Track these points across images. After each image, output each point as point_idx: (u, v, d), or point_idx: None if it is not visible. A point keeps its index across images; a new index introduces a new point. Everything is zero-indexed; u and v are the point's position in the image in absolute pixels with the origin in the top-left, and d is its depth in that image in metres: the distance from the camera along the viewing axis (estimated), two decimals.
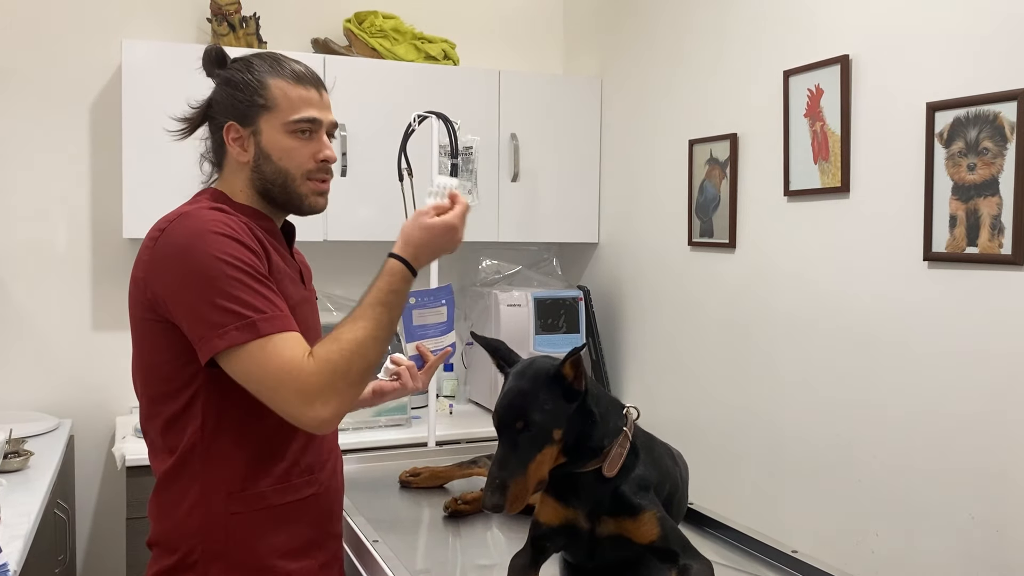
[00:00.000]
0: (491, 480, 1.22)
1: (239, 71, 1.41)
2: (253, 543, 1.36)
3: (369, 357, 1.29)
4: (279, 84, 1.39)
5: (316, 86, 1.43)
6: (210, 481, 1.34)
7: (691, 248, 2.80)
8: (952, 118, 1.89)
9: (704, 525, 1.69)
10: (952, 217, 1.90)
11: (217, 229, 1.29)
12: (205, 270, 1.25)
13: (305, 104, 1.40)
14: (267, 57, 1.42)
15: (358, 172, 2.96)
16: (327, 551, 1.47)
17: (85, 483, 3.00)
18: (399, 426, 2.93)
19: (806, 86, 2.30)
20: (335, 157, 1.45)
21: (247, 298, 1.25)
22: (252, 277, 1.27)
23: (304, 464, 1.42)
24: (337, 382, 1.25)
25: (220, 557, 1.35)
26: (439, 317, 1.73)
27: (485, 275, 3.40)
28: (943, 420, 1.95)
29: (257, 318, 1.25)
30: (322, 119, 1.42)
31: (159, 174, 2.68)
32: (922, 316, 2.00)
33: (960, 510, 1.91)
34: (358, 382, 1.28)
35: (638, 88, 3.09)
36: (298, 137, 1.39)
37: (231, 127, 1.40)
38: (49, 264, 2.95)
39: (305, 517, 1.42)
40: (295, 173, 1.40)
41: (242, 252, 1.28)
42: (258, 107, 1.38)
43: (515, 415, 1.23)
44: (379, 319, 1.31)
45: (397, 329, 1.42)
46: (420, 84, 3.05)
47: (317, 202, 1.44)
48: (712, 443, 2.67)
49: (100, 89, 2.99)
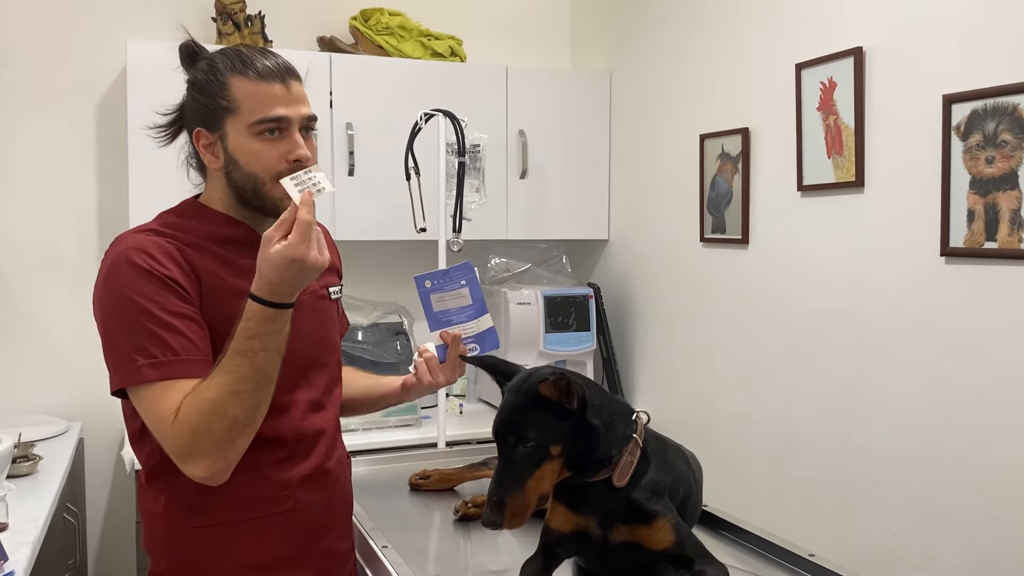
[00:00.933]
0: (490, 497, 1.20)
1: (202, 72, 1.33)
2: (216, 558, 1.33)
3: (231, 414, 1.20)
4: (241, 83, 1.29)
5: (282, 79, 1.31)
6: (173, 494, 1.31)
7: (703, 244, 2.77)
8: (969, 110, 1.86)
9: (719, 528, 1.66)
10: (970, 211, 1.87)
11: (132, 258, 1.25)
12: (110, 306, 1.26)
13: (269, 102, 1.29)
14: (231, 53, 1.33)
15: (365, 171, 2.94)
16: (311, 569, 1.41)
17: (95, 486, 3.00)
18: (409, 427, 2.91)
19: (819, 79, 2.26)
20: (308, 155, 1.33)
21: (140, 340, 1.22)
22: (152, 317, 1.22)
23: (277, 480, 1.36)
24: (199, 442, 1.20)
25: (185, 570, 1.34)
26: (462, 300, 1.56)
27: (494, 273, 3.38)
28: (962, 418, 1.91)
29: (143, 363, 1.21)
30: (290, 116, 1.31)
31: (165, 175, 2.65)
32: (939, 312, 1.96)
33: (981, 510, 1.87)
34: (226, 440, 1.20)
35: (648, 82, 3.06)
36: (265, 138, 1.30)
37: (199, 133, 1.33)
38: (57, 267, 2.95)
39: (277, 532, 1.36)
40: (263, 177, 1.31)
41: (150, 287, 1.24)
42: (222, 110, 1.30)
43: (509, 431, 1.21)
44: (238, 371, 1.20)
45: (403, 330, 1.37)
46: (427, 81, 3.02)
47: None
48: (725, 442, 2.64)
49: (106, 89, 2.98)
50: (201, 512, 1.32)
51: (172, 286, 1.25)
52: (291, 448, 1.38)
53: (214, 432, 1.20)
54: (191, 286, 1.28)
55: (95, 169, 2.99)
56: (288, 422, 1.37)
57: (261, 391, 1.23)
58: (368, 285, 3.19)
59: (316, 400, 1.43)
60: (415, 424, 2.92)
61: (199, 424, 1.19)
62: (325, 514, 1.45)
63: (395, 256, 3.25)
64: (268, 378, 1.23)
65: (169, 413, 1.20)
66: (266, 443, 1.31)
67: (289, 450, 1.38)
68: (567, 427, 1.23)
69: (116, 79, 2.97)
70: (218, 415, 1.19)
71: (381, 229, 2.98)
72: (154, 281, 1.24)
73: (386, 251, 3.22)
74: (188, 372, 1.22)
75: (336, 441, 1.51)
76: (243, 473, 1.31)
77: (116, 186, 2.96)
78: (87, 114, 2.97)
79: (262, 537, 1.36)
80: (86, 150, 2.98)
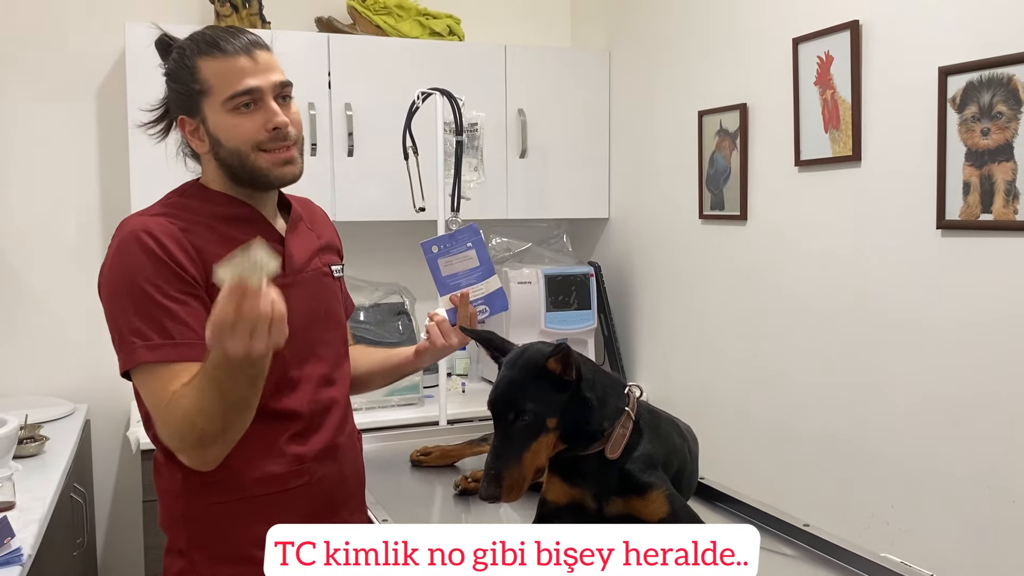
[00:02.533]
0: (487, 471, 1.22)
1: (174, 61, 1.35)
2: (235, 533, 1.34)
3: (200, 427, 1.20)
4: (208, 64, 1.31)
5: (247, 52, 1.32)
6: (190, 471, 1.31)
7: (702, 221, 2.77)
8: (965, 82, 1.85)
9: (715, 499, 1.68)
10: (966, 184, 1.87)
11: (135, 240, 1.27)
12: (113, 287, 1.28)
13: (237, 76, 1.30)
14: (197, 37, 1.35)
15: (364, 151, 2.94)
16: None
17: (102, 467, 3.03)
18: (411, 405, 2.93)
19: (816, 53, 2.26)
20: (286, 121, 1.33)
21: (137, 323, 1.23)
22: (150, 300, 1.23)
23: (291, 454, 1.38)
24: (179, 442, 1.24)
25: (203, 546, 1.35)
26: (470, 262, 1.56)
27: (495, 253, 3.38)
28: (958, 391, 1.92)
29: (140, 345, 1.23)
30: (260, 85, 1.31)
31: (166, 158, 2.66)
32: (936, 285, 1.97)
33: (976, 482, 1.89)
34: (199, 446, 1.22)
35: (646, 60, 3.05)
36: (241, 112, 1.31)
37: (183, 121, 1.36)
38: (61, 250, 2.96)
39: (294, 507, 1.37)
40: (245, 149, 1.32)
41: (151, 268, 1.25)
42: (196, 94, 1.32)
43: (507, 405, 1.23)
44: (204, 393, 1.18)
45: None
46: (425, 61, 3.02)
47: (283, 172, 1.36)
48: (724, 417, 2.66)
49: (106, 73, 2.98)
50: (219, 488, 1.33)
51: (175, 270, 1.26)
52: (305, 422, 1.40)
53: (187, 437, 1.23)
54: (195, 268, 1.28)
55: (96, 152, 2.99)
56: (301, 396, 1.39)
57: (230, 414, 1.21)
58: (369, 265, 3.20)
59: (326, 374, 1.45)
60: (417, 403, 2.94)
61: (179, 423, 1.22)
62: (339, 488, 1.47)
63: (395, 236, 3.25)
64: (235, 405, 1.20)
65: (163, 397, 1.22)
66: (281, 417, 1.33)
67: (303, 424, 1.39)
68: (563, 400, 1.25)
69: (115, 62, 2.97)
70: (188, 424, 1.21)
71: (381, 209, 2.98)
72: (157, 264, 1.25)
73: (386, 231, 3.23)
74: (183, 356, 1.23)
75: (347, 416, 1.53)
76: (259, 449, 1.34)
77: (118, 169, 2.97)
78: (87, 98, 2.97)
79: (279, 512, 1.35)
80: (87, 133, 2.98)
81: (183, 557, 1.36)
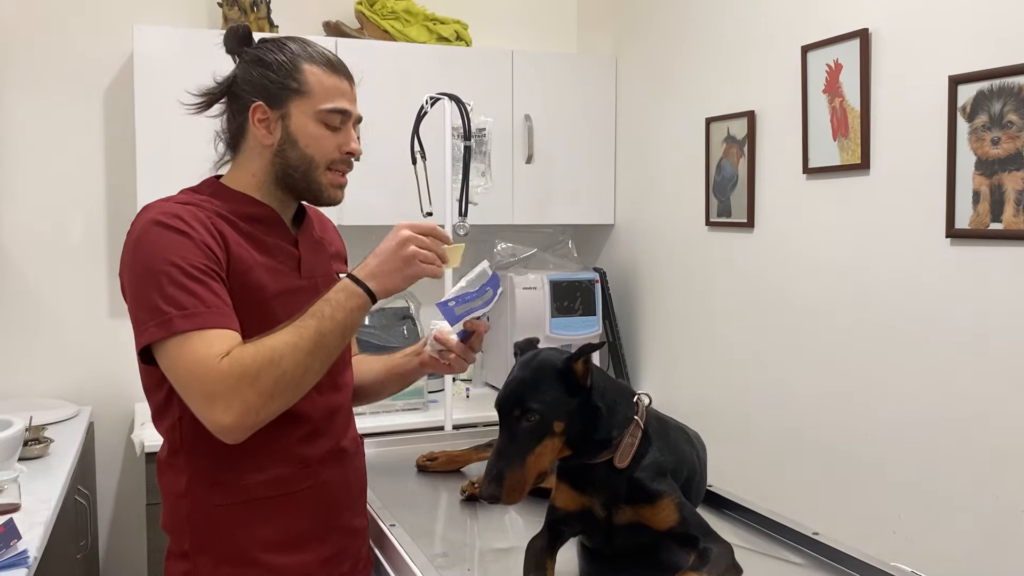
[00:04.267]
0: (488, 470, 1.20)
1: (272, 51, 1.37)
2: (238, 536, 1.34)
3: (283, 367, 1.20)
4: (313, 70, 1.36)
5: (348, 77, 1.41)
6: (195, 472, 1.32)
7: (708, 228, 2.77)
8: (975, 91, 1.85)
9: (723, 507, 1.67)
10: (975, 193, 1.86)
11: (163, 220, 1.26)
12: (141, 266, 1.24)
13: (338, 94, 1.38)
14: (300, 40, 1.40)
15: (371, 156, 2.92)
16: (331, 545, 1.43)
17: (106, 469, 3.02)
18: (416, 410, 2.93)
19: (825, 61, 2.26)
20: (360, 151, 1.43)
21: (172, 293, 1.21)
22: (184, 272, 1.22)
23: (297, 456, 1.38)
24: (243, 387, 1.18)
25: (207, 549, 1.34)
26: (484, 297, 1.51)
27: (500, 258, 3.38)
28: (966, 400, 1.92)
29: (176, 314, 1.20)
30: (352, 112, 1.41)
31: (173, 161, 2.67)
32: (945, 294, 1.96)
33: (984, 491, 1.88)
34: (269, 391, 1.20)
35: (653, 66, 3.05)
36: (327, 126, 1.37)
37: (258, 107, 1.35)
38: (66, 252, 2.96)
39: (298, 510, 1.38)
40: (319, 161, 1.38)
41: (181, 245, 1.24)
42: (290, 90, 1.35)
43: (514, 404, 1.22)
44: (303, 328, 1.23)
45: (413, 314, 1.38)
46: (433, 66, 3.02)
47: (335, 194, 1.42)
48: (730, 425, 2.65)
49: (113, 76, 2.98)
50: (224, 490, 1.33)
51: (204, 249, 1.26)
52: (313, 425, 1.40)
53: (263, 379, 1.19)
54: (220, 252, 1.28)
55: (103, 154, 2.99)
56: (309, 399, 1.38)
57: (316, 357, 1.23)
58: None
59: (333, 379, 1.45)
60: (422, 408, 2.94)
61: (251, 366, 1.18)
62: (343, 492, 1.47)
63: None
64: (326, 348, 1.25)
65: (211, 356, 1.18)
66: (289, 419, 1.32)
67: (311, 427, 1.40)
68: (573, 405, 1.24)
69: (123, 65, 2.97)
70: (272, 364, 1.19)
71: (387, 214, 2.97)
72: (187, 241, 1.25)
73: None
74: (219, 323, 1.22)
75: (350, 420, 1.53)
76: (265, 450, 1.33)
77: (124, 171, 2.97)
78: (95, 100, 2.97)
79: (284, 514, 1.36)
80: (94, 136, 2.98)
81: (186, 560, 1.35)
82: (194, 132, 1.49)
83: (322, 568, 1.42)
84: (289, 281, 1.39)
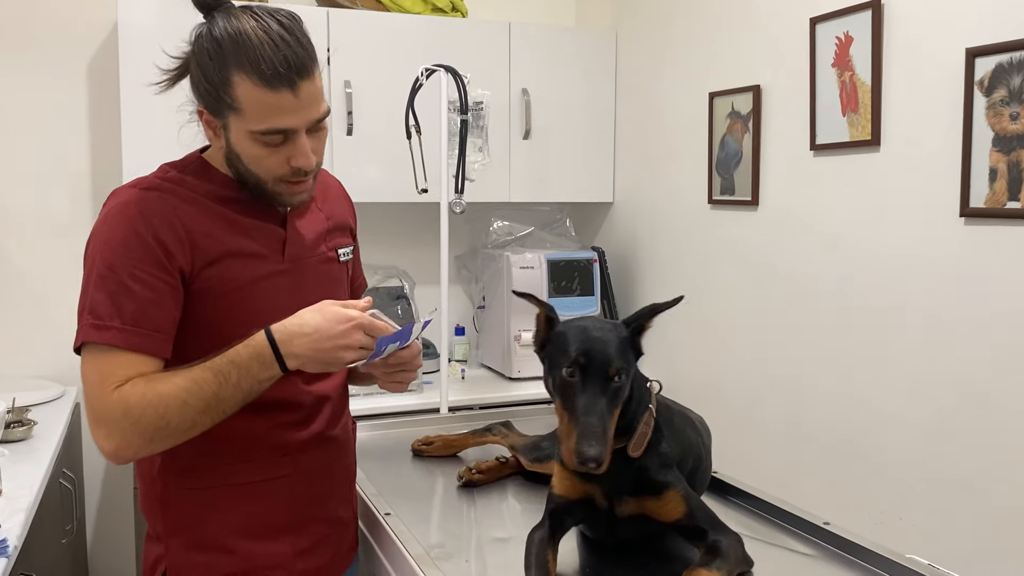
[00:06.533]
0: (588, 429, 1.08)
1: (207, 51, 1.19)
2: (209, 521, 1.30)
3: (168, 418, 1.14)
4: (245, 86, 1.16)
5: (291, 85, 1.17)
6: (170, 455, 1.27)
7: (711, 206, 2.70)
8: (994, 64, 1.78)
9: (728, 494, 1.62)
10: (992, 170, 1.80)
11: (120, 211, 1.20)
12: (88, 259, 1.22)
13: (275, 112, 1.18)
14: (237, 37, 1.17)
15: (364, 131, 2.86)
16: (308, 536, 1.38)
17: (93, 451, 2.96)
18: (410, 391, 2.87)
19: (834, 34, 2.18)
20: (311, 164, 1.24)
21: (98, 299, 1.17)
22: (116, 278, 1.17)
23: (278, 444, 1.33)
24: (125, 424, 1.14)
25: (179, 532, 1.31)
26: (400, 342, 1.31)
27: (496, 236, 3.32)
28: (978, 384, 1.87)
29: (91, 323, 1.16)
30: (296, 126, 1.20)
31: (159, 134, 2.58)
32: (958, 276, 1.90)
33: (994, 478, 1.83)
34: (150, 436, 1.15)
35: (655, 39, 2.97)
36: (268, 146, 1.21)
37: (202, 112, 1.25)
38: (51, 229, 2.89)
39: (274, 497, 1.33)
40: (265, 177, 1.25)
41: (126, 245, 1.18)
42: (224, 104, 1.20)
43: (609, 359, 1.13)
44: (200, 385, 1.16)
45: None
46: (427, 37, 2.94)
47: (293, 200, 1.30)
48: (732, 408, 2.60)
49: (97, 47, 2.90)
50: (197, 474, 1.29)
51: (155, 253, 1.19)
52: (296, 413, 1.35)
53: (143, 424, 1.14)
54: (180, 250, 1.21)
55: (88, 130, 2.92)
56: (291, 386, 1.33)
57: (207, 415, 1.17)
58: (368, 248, 3.10)
59: None
60: (416, 389, 2.88)
61: (134, 408, 1.14)
62: (326, 481, 1.42)
63: (396, 218, 3.19)
64: (220, 410, 1.17)
65: (106, 382, 1.15)
66: (272, 406, 1.27)
67: (291, 415, 1.34)
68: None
69: (107, 36, 2.88)
70: (157, 413, 1.14)
71: (381, 191, 2.91)
72: (136, 241, 1.19)
73: (387, 213, 3.16)
74: (130, 343, 1.17)
75: (342, 408, 1.47)
76: (244, 436, 1.29)
77: (110, 147, 2.90)
78: (79, 73, 2.89)
79: (258, 502, 1.32)
80: (78, 110, 2.91)
81: (160, 543, 1.32)
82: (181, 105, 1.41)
83: (299, 558, 1.37)
84: (268, 266, 1.31)
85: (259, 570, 1.32)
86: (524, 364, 3.04)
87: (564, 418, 1.13)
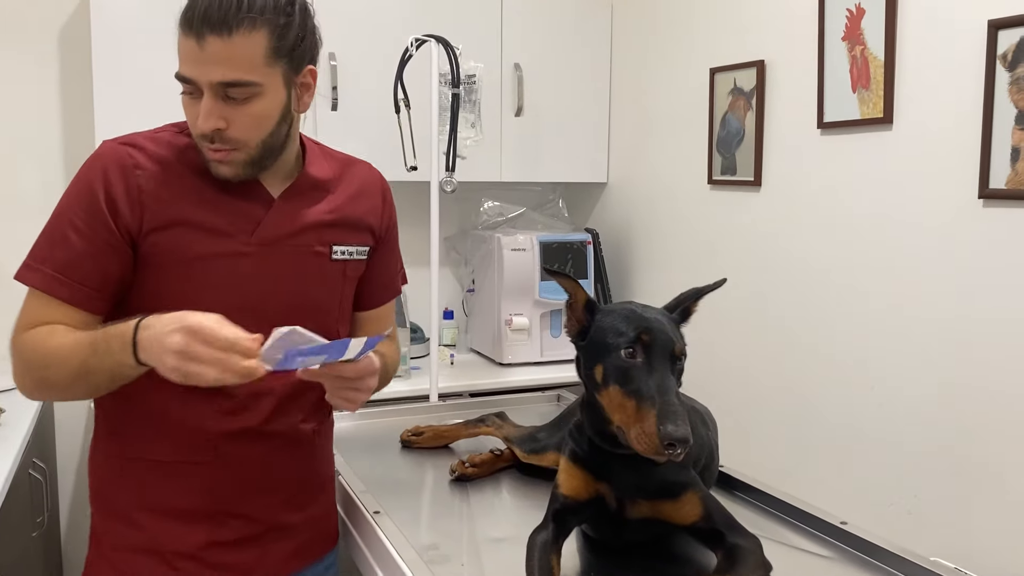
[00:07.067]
0: (669, 408, 1.01)
1: None
2: (124, 490, 1.30)
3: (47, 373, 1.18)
4: (179, 29, 1.17)
5: (197, 33, 1.13)
6: (102, 418, 1.33)
7: (711, 187, 2.61)
8: (1018, 37, 1.69)
9: (735, 488, 1.55)
10: (1015, 149, 1.71)
11: (92, 165, 1.22)
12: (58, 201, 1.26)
13: (182, 58, 1.17)
14: None
15: (349, 105, 2.74)
16: (229, 530, 1.31)
17: (65, 439, 2.85)
18: (398, 377, 2.75)
19: (845, 5, 2.09)
20: (208, 129, 1.18)
21: (41, 241, 1.23)
22: (66, 222, 1.21)
23: (193, 427, 1.27)
24: (19, 368, 1.21)
25: (99, 498, 1.34)
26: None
27: (487, 218, 3.22)
28: (995, 374, 1.79)
29: (27, 263, 1.22)
30: (195, 78, 1.15)
31: (133, 107, 2.46)
32: (976, 260, 1.82)
33: (1009, 471, 1.76)
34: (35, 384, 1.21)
35: (653, 12, 2.87)
36: (184, 94, 1.20)
37: None
38: (21, 205, 2.76)
39: (188, 482, 1.29)
40: (193, 134, 1.22)
41: (79, 196, 1.21)
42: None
43: (673, 341, 1.10)
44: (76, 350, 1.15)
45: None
46: (415, 7, 2.82)
47: (217, 170, 1.23)
48: (731, 399, 2.52)
49: (69, 14, 2.76)
50: (119, 442, 1.31)
51: (102, 211, 1.20)
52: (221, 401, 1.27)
53: (31, 373, 1.21)
54: (129, 210, 1.20)
55: (58, 97, 2.79)
56: None
57: (80, 381, 1.17)
58: None
59: None
60: (404, 375, 2.77)
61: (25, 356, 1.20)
62: (258, 478, 1.33)
63: None
64: (91, 382, 1.17)
65: (20, 324, 1.21)
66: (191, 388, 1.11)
67: (217, 403, 1.27)
68: None
69: (78, 5, 2.75)
70: (41, 366, 1.19)
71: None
72: (88, 196, 1.20)
73: None
74: (52, 289, 1.20)
75: (296, 407, 1.35)
76: (159, 412, 1.27)
77: (81, 115, 2.77)
78: (49, 44, 2.76)
79: (171, 481, 1.29)
80: (49, 83, 2.77)
81: (91, 506, 1.36)
82: (155, 77, 1.31)
83: (214, 550, 1.30)
84: (230, 245, 1.25)
85: (167, 551, 1.29)
86: (515, 349, 2.95)
87: (629, 405, 1.05)
